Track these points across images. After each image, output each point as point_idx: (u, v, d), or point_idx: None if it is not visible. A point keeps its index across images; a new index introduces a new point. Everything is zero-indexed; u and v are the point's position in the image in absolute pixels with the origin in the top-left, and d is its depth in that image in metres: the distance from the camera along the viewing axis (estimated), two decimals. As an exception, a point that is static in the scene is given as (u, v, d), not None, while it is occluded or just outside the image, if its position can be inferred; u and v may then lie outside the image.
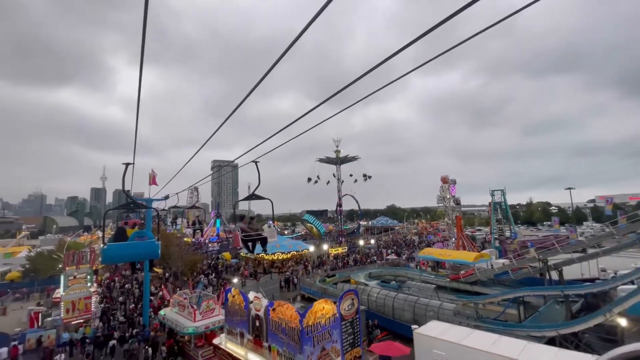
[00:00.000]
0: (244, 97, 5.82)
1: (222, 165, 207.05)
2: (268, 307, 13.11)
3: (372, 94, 5.78)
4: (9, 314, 27.97)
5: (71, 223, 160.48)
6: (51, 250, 47.56)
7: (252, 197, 11.23)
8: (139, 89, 5.79)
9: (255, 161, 10.82)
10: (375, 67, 4.50)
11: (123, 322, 23.72)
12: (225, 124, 7.58)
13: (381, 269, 36.37)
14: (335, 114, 6.91)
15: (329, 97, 5.59)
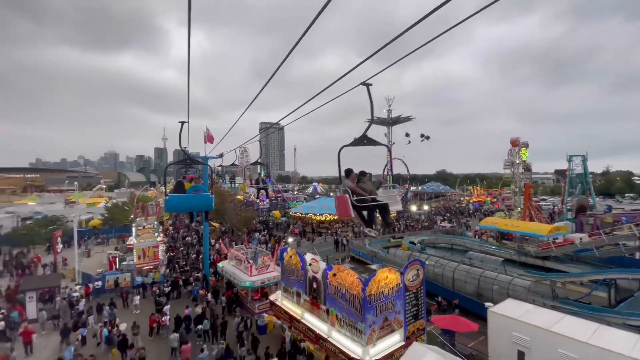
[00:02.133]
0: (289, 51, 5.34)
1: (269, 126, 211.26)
2: (326, 271, 12.45)
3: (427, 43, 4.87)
4: (92, 256, 31.89)
5: (140, 179, 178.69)
6: (124, 202, 53.01)
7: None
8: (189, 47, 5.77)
9: (367, 84, 7.77)
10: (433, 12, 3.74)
11: (186, 271, 25.52)
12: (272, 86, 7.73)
13: (435, 236, 34.42)
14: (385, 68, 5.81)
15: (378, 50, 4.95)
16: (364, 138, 6.30)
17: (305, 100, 7.80)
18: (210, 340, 15.48)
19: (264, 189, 17.25)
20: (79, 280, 22.29)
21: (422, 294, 12.87)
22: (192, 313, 17.15)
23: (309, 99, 7.77)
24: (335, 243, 33.30)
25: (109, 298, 19.43)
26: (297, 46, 5.26)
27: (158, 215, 40.90)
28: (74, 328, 15.40)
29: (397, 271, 11.93)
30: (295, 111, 8.89)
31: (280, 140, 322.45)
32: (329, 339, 11.89)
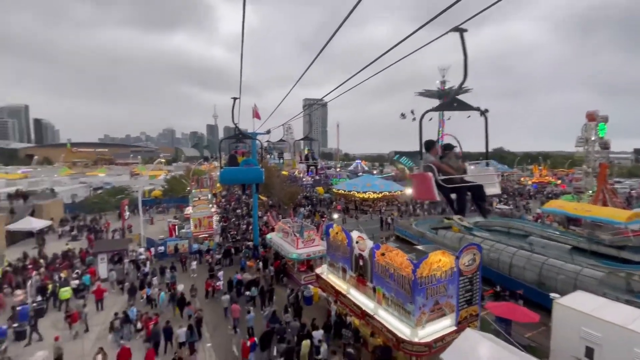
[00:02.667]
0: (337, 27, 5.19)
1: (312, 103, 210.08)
2: (374, 249, 12.14)
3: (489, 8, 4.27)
4: (155, 224, 35.21)
5: (194, 154, 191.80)
6: (181, 175, 57.21)
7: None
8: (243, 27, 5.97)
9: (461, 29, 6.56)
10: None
11: (237, 240, 27.05)
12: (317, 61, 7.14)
13: (490, 219, 32.14)
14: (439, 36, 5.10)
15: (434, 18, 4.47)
16: (454, 101, 5.21)
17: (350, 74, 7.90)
18: (258, 306, 16.39)
19: (314, 165, 16.56)
20: (144, 245, 24.76)
21: (478, 279, 12.05)
22: (244, 278, 18.33)
23: (354, 74, 7.33)
24: (380, 222, 32.79)
25: (170, 262, 21.36)
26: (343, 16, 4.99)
27: (211, 187, 43.52)
28: (140, 288, 17.23)
29: (452, 255, 11.21)
30: (339, 87, 8.50)
31: (323, 117, 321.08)
32: (375, 316, 11.78)
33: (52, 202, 34.34)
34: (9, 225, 26.65)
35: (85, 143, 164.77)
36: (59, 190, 45.44)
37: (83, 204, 38.99)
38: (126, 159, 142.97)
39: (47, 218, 31.18)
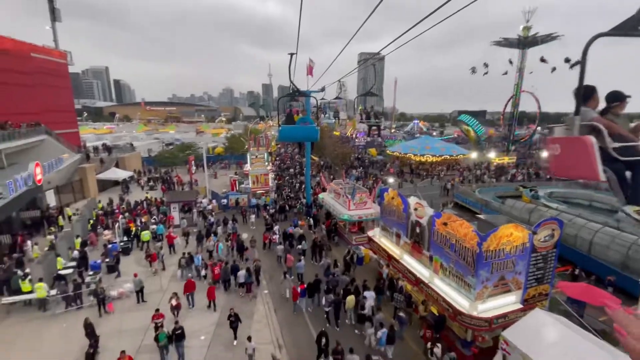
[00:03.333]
0: None
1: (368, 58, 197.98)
2: (434, 218, 11.36)
3: None
4: (218, 178, 37.89)
5: (251, 113, 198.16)
6: (240, 134, 59.81)
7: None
8: None
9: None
10: None
11: (291, 198, 27.96)
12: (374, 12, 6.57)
13: (567, 190, 28.38)
14: None
15: None
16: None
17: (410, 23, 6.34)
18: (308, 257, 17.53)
19: (377, 125, 14.64)
20: (209, 197, 26.90)
21: (554, 257, 10.73)
22: (295, 232, 19.34)
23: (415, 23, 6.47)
24: (443, 189, 30.57)
25: (232, 214, 22.99)
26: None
27: (267, 146, 44.86)
28: (207, 236, 18.92)
29: (527, 229, 9.98)
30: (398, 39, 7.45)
31: (379, 73, 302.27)
32: (431, 285, 11.36)
33: (132, 155, 38.69)
34: (99, 175, 30.87)
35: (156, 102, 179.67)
36: (137, 144, 50.88)
37: (157, 158, 43.24)
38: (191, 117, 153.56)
39: (128, 169, 35.41)
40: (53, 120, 31.42)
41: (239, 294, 14.39)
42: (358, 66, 18.54)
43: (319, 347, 9.92)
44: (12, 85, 27.57)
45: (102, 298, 12.72)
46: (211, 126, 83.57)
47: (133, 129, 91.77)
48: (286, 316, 13.19)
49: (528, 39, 49.31)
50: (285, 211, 24.16)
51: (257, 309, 13.50)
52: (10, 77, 27.28)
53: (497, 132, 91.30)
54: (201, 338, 11.61)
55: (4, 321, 12.46)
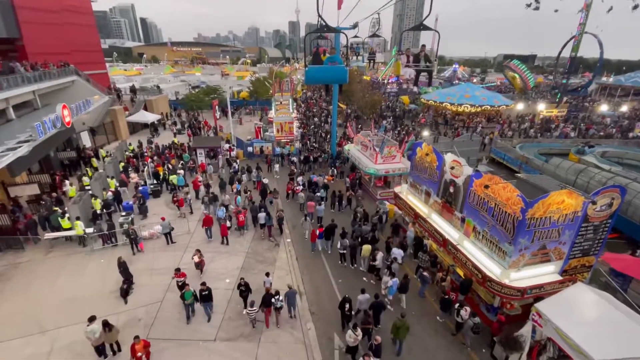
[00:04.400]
0: None
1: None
2: (472, 178, 10.26)
3: None
4: (243, 124, 37.40)
5: (277, 54, 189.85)
6: (265, 77, 57.57)
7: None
8: None
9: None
10: None
11: (315, 148, 27.20)
12: None
13: (623, 149, 25.33)
14: None
15: None
16: None
17: None
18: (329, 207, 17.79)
19: (428, 70, 11.98)
20: (234, 143, 26.71)
21: (607, 228, 9.56)
22: (319, 180, 19.27)
23: None
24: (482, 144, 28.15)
25: (256, 162, 22.81)
26: None
27: (292, 91, 42.97)
28: (231, 183, 19.00)
29: (583, 197, 8.74)
30: None
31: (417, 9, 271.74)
32: (459, 247, 10.73)
33: (160, 98, 38.59)
34: (128, 117, 31.30)
35: (182, 42, 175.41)
36: (165, 87, 50.62)
37: (183, 101, 42.97)
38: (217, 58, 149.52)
39: (156, 112, 35.61)
40: (81, 60, 31.24)
41: (261, 235, 15.15)
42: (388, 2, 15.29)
43: (343, 312, 9.97)
44: (41, 25, 27.10)
45: (133, 238, 13.35)
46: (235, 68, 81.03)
47: (160, 71, 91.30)
48: (306, 259, 13.70)
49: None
50: (310, 162, 23.58)
51: (280, 256, 13.73)
52: (38, 16, 26.70)
53: (547, 80, 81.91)
54: (226, 281, 12.08)
55: (49, 255, 13.58)
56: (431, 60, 11.23)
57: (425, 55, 11.05)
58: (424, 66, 11.21)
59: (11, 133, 14.50)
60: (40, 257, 13.45)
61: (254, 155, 25.61)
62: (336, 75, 13.16)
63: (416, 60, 11.19)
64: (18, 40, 25.22)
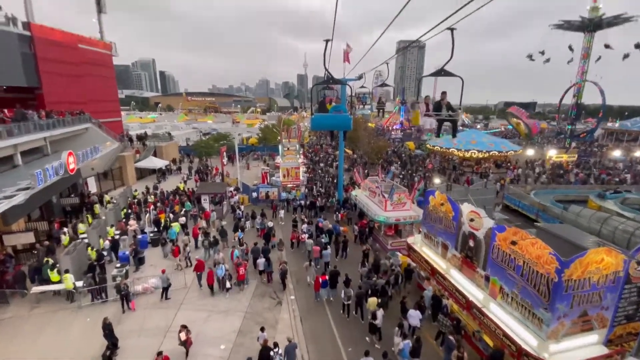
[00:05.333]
0: None
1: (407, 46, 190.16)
2: (494, 231, 9.37)
3: None
4: (251, 169, 37.54)
5: (285, 104, 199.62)
6: (274, 124, 59.42)
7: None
8: None
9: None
10: None
11: (322, 193, 26.66)
12: None
13: (645, 196, 24.12)
14: None
15: None
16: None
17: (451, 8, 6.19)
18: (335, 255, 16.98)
19: (451, 120, 10.02)
20: (238, 187, 26.37)
21: (655, 290, 8.36)
22: (325, 225, 18.57)
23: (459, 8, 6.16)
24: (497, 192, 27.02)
25: (261, 208, 22.17)
26: None
27: (299, 138, 43.82)
28: (235, 229, 18.19)
29: (623, 255, 7.75)
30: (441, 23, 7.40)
31: (418, 62, 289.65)
32: (485, 311, 9.47)
33: (170, 145, 39.50)
34: (137, 163, 31.67)
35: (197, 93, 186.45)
36: (175, 134, 52.24)
37: (193, 147, 43.86)
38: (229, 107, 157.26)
39: (165, 158, 36.15)
40: (98, 109, 32.59)
41: (261, 280, 14.54)
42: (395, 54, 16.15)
43: None
44: (61, 76, 28.71)
45: (125, 294, 12.31)
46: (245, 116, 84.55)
47: (174, 118, 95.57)
48: (310, 320, 12.37)
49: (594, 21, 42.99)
50: (316, 207, 22.88)
51: (282, 317, 12.42)
52: (59, 68, 28.38)
53: (550, 125, 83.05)
54: (221, 347, 10.73)
55: (34, 310, 12.52)
56: (454, 109, 10.04)
57: (447, 103, 9.89)
58: (447, 115, 9.85)
59: (14, 179, 14.32)
60: (25, 313, 12.39)
61: (260, 201, 25.08)
62: (341, 122, 13.78)
63: (437, 108, 9.86)
64: (37, 89, 26.46)
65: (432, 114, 9.97)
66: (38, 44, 25.84)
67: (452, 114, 10.03)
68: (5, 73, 23.54)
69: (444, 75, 9.12)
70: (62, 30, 29.70)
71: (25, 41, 24.91)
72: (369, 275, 13.53)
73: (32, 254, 15.48)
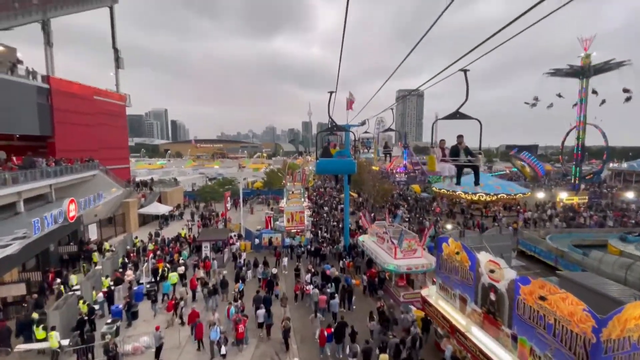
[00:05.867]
0: None
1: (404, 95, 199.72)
2: (517, 284, 8.54)
3: None
4: (255, 214, 37.06)
5: (291, 149, 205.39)
6: (279, 168, 60.20)
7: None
8: None
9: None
10: None
11: (327, 239, 25.77)
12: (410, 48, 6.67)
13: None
14: None
15: None
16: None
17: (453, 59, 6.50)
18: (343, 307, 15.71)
19: (472, 166, 9.11)
20: (240, 233, 25.65)
21: None
22: (332, 273, 17.61)
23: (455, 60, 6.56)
24: None
25: (263, 256, 21.23)
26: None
27: (303, 181, 43.93)
28: (236, 280, 17.17)
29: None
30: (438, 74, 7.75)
31: (418, 108, 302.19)
32: (516, 378, 8.26)
33: (175, 190, 39.65)
34: (141, 209, 31.47)
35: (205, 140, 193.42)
36: (182, 179, 52.84)
37: (198, 192, 44.02)
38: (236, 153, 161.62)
39: (170, 204, 36.02)
40: (107, 156, 33.41)
41: (259, 336, 13.35)
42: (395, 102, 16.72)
43: None
44: (74, 125, 29.88)
45: (113, 356, 11.19)
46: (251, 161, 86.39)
47: (182, 165, 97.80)
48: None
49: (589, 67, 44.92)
50: (320, 254, 21.90)
51: (284, 384, 11.05)
52: (73, 118, 29.66)
53: (555, 167, 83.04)
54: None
55: (13, 373, 11.37)
56: (474, 153, 9.02)
57: (466, 147, 8.99)
58: (466, 161, 8.91)
59: (12, 227, 13.98)
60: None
61: (263, 247, 24.19)
62: (345, 167, 13.90)
63: (455, 153, 8.95)
64: (50, 137, 27.33)
65: (449, 159, 9.10)
66: (55, 96, 27.30)
67: (472, 159, 9.15)
68: (20, 122, 24.52)
69: (459, 118, 8.63)
70: (79, 84, 31.56)
71: (43, 93, 26.34)
72: (384, 331, 12.35)
73: (22, 307, 14.55)
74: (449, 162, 9.19)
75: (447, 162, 9.18)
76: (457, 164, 9.31)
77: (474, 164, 9.28)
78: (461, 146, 9.29)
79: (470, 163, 9.20)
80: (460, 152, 9.20)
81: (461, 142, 9.37)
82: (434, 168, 8.93)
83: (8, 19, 25.99)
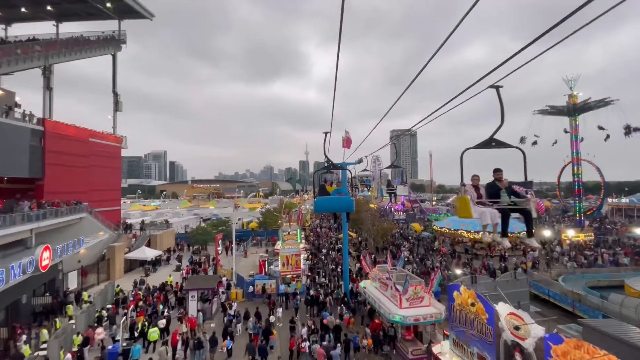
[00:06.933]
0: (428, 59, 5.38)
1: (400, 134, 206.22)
2: (547, 343, 7.29)
3: None
4: (249, 257, 35.21)
5: (288, 187, 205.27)
6: (275, 207, 59.02)
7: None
8: None
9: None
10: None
11: (325, 284, 24.03)
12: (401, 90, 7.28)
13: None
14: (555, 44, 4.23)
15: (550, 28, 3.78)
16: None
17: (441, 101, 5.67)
18: None
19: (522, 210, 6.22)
20: (234, 282, 23.87)
21: None
22: (330, 322, 16.38)
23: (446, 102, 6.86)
24: (503, 271, 25.16)
25: (256, 307, 19.38)
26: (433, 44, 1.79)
27: (300, 221, 42.67)
28: (224, 335, 15.35)
29: None
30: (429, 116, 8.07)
31: (412, 147, 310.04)
32: None
33: (166, 233, 38.03)
34: (127, 254, 29.73)
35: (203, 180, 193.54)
36: (175, 221, 51.20)
37: (190, 235, 42.24)
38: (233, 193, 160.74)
39: (160, 247, 34.26)
40: (97, 198, 32.34)
41: None
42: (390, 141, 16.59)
43: None
44: (65, 167, 29.22)
45: None
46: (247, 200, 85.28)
47: (177, 205, 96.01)
48: None
49: (577, 106, 46.40)
50: (319, 303, 20.14)
51: None
52: (65, 160, 29.08)
53: (553, 204, 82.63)
54: None
55: None
56: (520, 194, 6.24)
57: (508, 185, 6.31)
58: (510, 203, 6.16)
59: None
60: None
61: (255, 295, 22.35)
62: (343, 204, 13.71)
63: (494, 193, 6.31)
64: (39, 180, 26.46)
65: (488, 201, 6.40)
66: (48, 138, 26.91)
67: (521, 201, 6.34)
68: (11, 165, 23.78)
69: (494, 146, 6.28)
70: (75, 126, 31.46)
71: (37, 135, 25.98)
72: None
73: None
74: (488, 204, 6.41)
75: (486, 205, 6.36)
76: (501, 207, 6.43)
77: (524, 207, 6.34)
78: (501, 184, 6.57)
79: (519, 206, 6.37)
80: (500, 191, 6.58)
81: (500, 178, 6.67)
82: (469, 214, 6.01)
83: (9, 65, 26.49)
